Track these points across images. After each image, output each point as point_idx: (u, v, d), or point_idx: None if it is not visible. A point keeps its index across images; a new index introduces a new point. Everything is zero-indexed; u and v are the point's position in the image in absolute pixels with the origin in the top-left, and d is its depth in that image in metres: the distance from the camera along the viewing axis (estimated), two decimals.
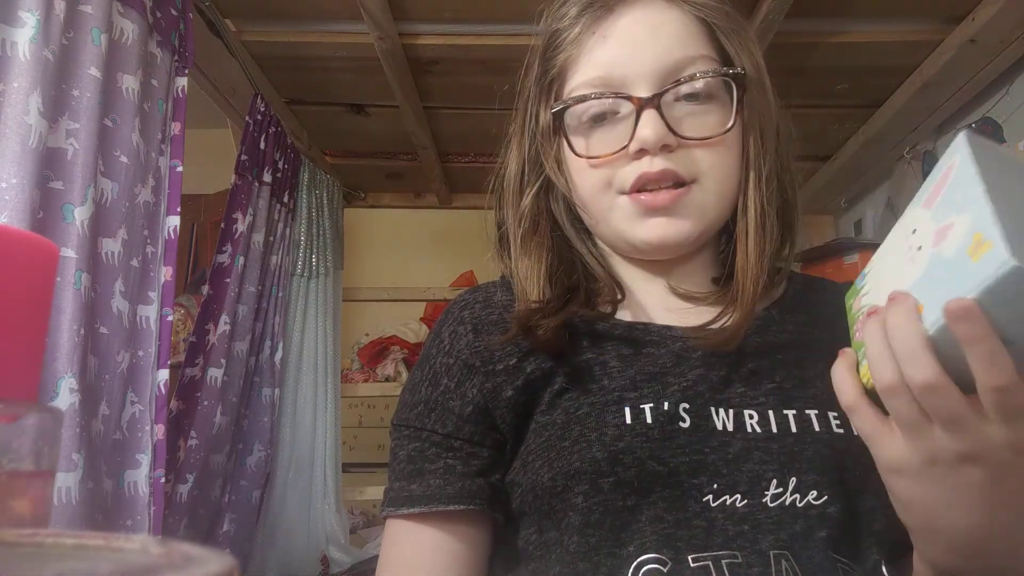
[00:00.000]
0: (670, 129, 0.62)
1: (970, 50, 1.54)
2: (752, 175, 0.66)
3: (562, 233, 0.71)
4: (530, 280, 0.67)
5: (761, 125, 0.67)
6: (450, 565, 0.64)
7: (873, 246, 2.07)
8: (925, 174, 1.90)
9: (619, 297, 0.67)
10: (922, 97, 1.75)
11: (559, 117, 0.65)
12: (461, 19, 1.58)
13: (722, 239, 0.71)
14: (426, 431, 0.66)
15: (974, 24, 1.47)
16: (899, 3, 1.51)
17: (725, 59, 0.66)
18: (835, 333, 0.68)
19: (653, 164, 0.62)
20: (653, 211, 0.63)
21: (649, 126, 0.61)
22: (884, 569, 0.60)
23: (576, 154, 0.65)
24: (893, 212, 2.17)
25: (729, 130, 0.64)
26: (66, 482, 0.97)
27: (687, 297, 0.69)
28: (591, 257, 0.70)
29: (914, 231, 0.47)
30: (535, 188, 0.70)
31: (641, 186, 0.63)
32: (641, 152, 0.62)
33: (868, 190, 2.38)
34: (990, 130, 1.70)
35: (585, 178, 0.66)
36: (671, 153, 0.62)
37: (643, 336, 0.66)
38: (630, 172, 0.63)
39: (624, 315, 0.68)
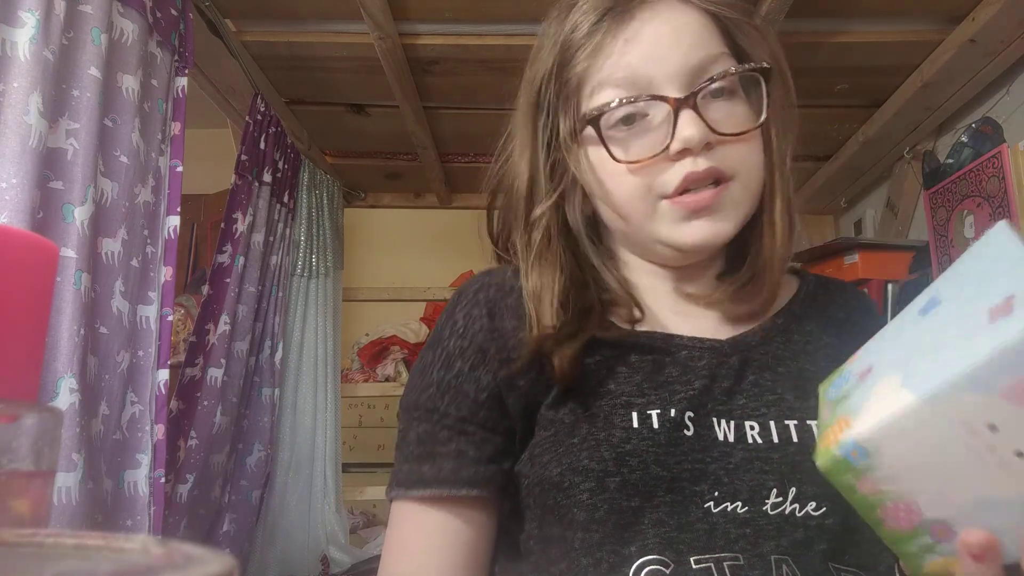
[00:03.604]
0: (709, 127, 0.61)
1: (970, 50, 1.54)
2: (776, 166, 0.67)
3: (574, 247, 0.70)
4: (544, 301, 0.65)
5: (782, 116, 0.68)
6: (458, 549, 0.64)
7: (873, 246, 2.06)
8: (925, 174, 1.90)
9: (638, 316, 0.66)
10: (922, 97, 1.75)
11: (595, 124, 0.64)
12: (461, 19, 1.58)
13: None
14: (438, 413, 0.65)
15: (974, 24, 1.47)
16: (899, 3, 1.51)
17: (739, 54, 0.66)
18: (843, 338, 0.69)
19: (698, 164, 0.61)
20: (696, 212, 0.63)
21: (691, 126, 0.61)
22: (898, 573, 0.60)
23: (616, 160, 0.63)
24: (893, 212, 2.17)
25: (762, 123, 0.64)
26: (66, 482, 0.96)
27: (693, 298, 0.69)
28: (606, 271, 0.69)
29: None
30: (552, 199, 0.68)
31: (685, 188, 0.62)
32: (683, 152, 0.62)
33: (868, 190, 2.38)
34: (990, 130, 1.70)
35: (622, 184, 0.64)
36: (711, 151, 0.62)
37: (650, 343, 0.66)
38: (674, 174, 0.62)
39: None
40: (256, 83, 1.74)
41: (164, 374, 1.23)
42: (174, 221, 1.29)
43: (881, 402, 0.41)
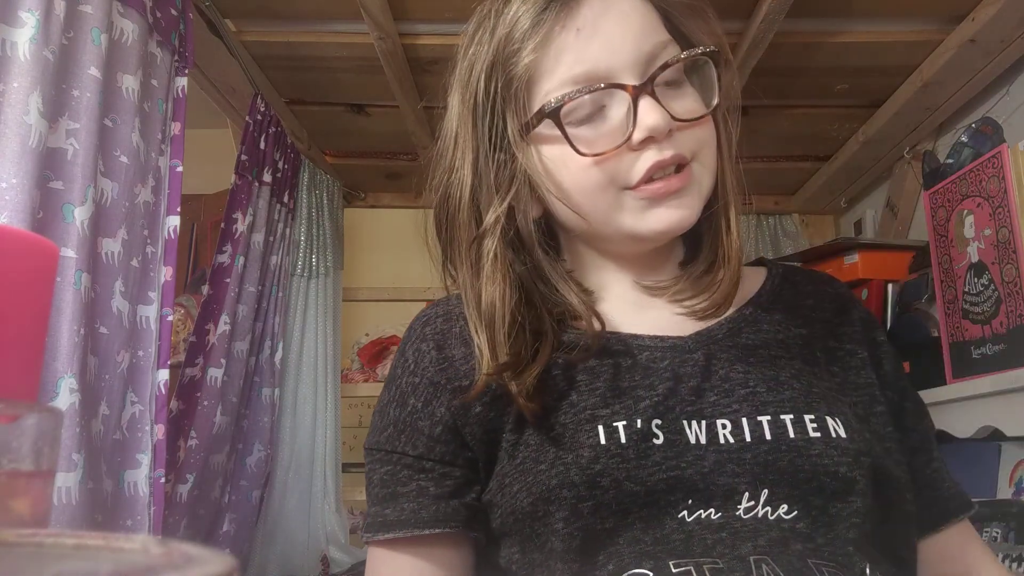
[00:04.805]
0: (668, 113, 0.60)
1: (970, 50, 1.54)
2: (726, 149, 0.67)
3: (527, 259, 0.66)
4: (496, 323, 0.62)
5: (728, 100, 0.67)
6: None
7: (873, 246, 2.06)
8: (925, 174, 1.90)
9: (598, 327, 0.64)
10: (922, 97, 1.75)
11: (555, 117, 0.61)
12: (461, 19, 1.57)
13: None
14: (397, 454, 0.65)
15: (974, 24, 1.47)
16: (899, 3, 1.51)
17: (682, 40, 0.65)
18: (813, 328, 0.68)
19: (663, 152, 0.60)
20: (664, 198, 0.61)
21: (653, 113, 0.60)
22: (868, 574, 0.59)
23: (582, 154, 0.61)
24: (893, 212, 2.17)
25: (717, 106, 0.63)
26: (66, 482, 0.96)
27: (652, 290, 0.68)
28: (562, 282, 0.67)
29: None
30: (506, 203, 0.65)
31: (650, 176, 0.61)
32: (647, 141, 0.60)
33: (868, 190, 2.38)
34: (990, 130, 1.70)
35: (582, 180, 0.62)
36: (670, 138, 0.61)
37: (610, 346, 0.64)
38: (640, 164, 0.61)
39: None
40: (256, 83, 1.74)
41: (164, 374, 1.23)
42: (174, 221, 1.28)
43: None
